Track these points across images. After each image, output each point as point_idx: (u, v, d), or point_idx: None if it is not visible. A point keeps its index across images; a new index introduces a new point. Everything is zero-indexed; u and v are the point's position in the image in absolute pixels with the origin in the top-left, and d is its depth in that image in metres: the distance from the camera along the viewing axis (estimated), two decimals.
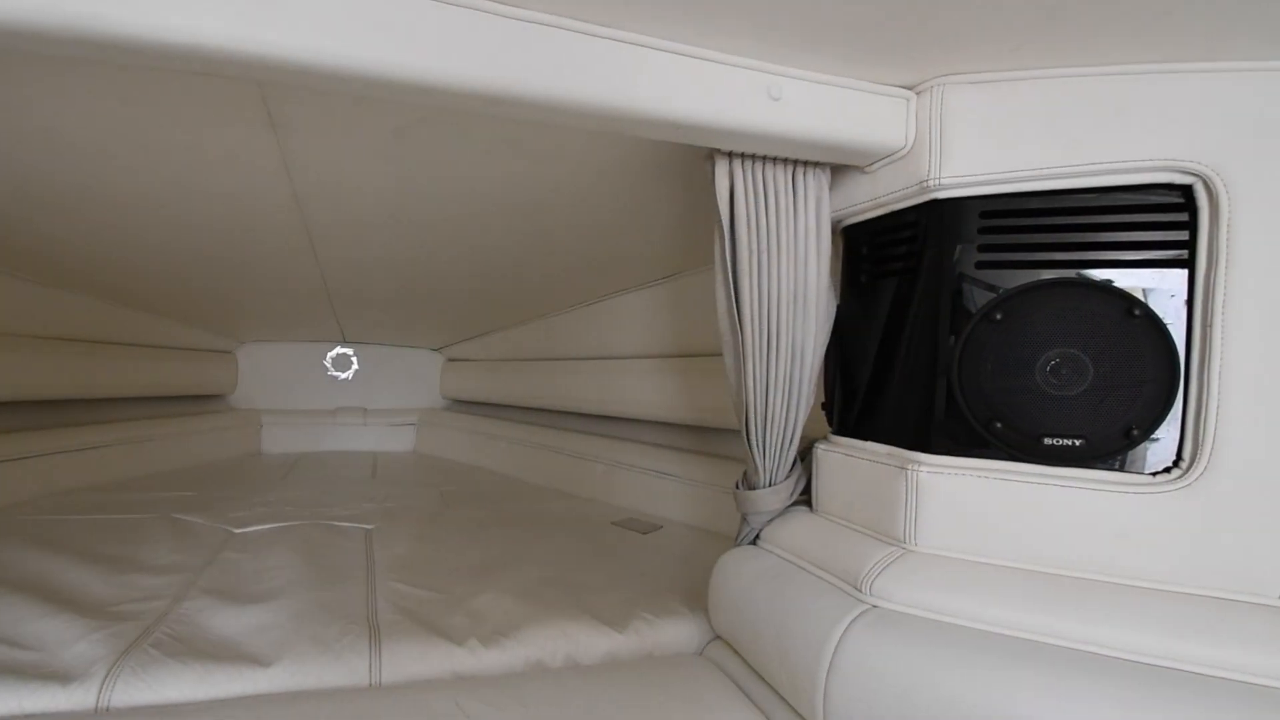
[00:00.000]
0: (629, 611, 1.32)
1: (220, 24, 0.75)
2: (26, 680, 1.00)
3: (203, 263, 2.19)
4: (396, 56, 0.82)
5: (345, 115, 1.19)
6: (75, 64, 0.99)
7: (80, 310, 2.53)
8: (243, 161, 1.38)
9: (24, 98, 1.12)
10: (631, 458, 2.41)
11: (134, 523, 1.94)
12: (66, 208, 1.63)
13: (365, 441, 3.85)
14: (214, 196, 1.58)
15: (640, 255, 2.03)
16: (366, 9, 0.80)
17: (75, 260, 2.10)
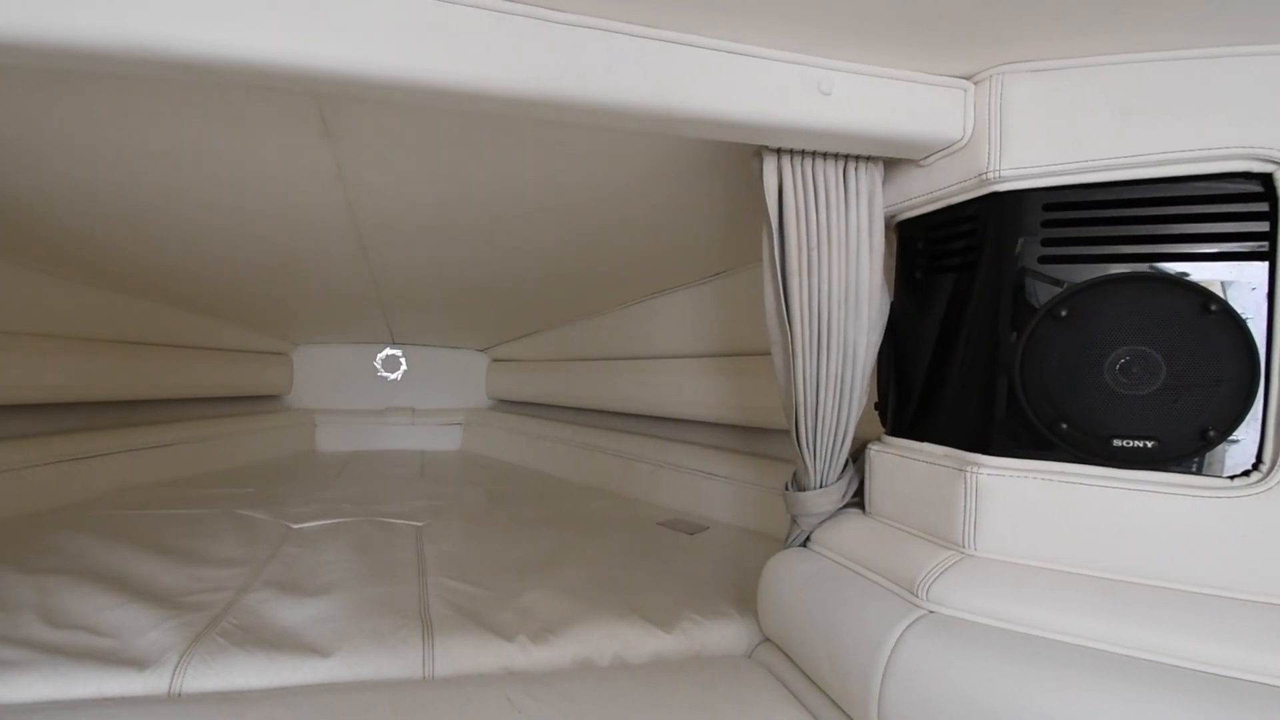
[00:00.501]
0: (676, 612, 1.32)
1: (274, 39, 0.79)
2: (105, 665, 1.07)
3: (260, 268, 2.30)
4: (445, 65, 0.85)
5: (396, 123, 1.23)
6: (141, 81, 1.04)
7: (147, 315, 2.69)
8: (299, 170, 1.45)
9: (92, 115, 1.19)
10: (677, 458, 2.42)
11: (200, 518, 2.05)
12: (132, 218, 1.73)
13: (414, 440, 3.97)
14: (271, 204, 1.66)
15: (686, 254, 2.04)
16: (415, 20, 0.83)
17: (141, 268, 2.23)
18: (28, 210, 1.62)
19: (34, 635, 1.16)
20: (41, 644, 1.13)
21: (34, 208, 1.61)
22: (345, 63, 0.82)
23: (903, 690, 0.85)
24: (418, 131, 1.26)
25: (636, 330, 2.69)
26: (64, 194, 1.55)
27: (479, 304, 2.97)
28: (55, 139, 1.28)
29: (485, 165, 1.40)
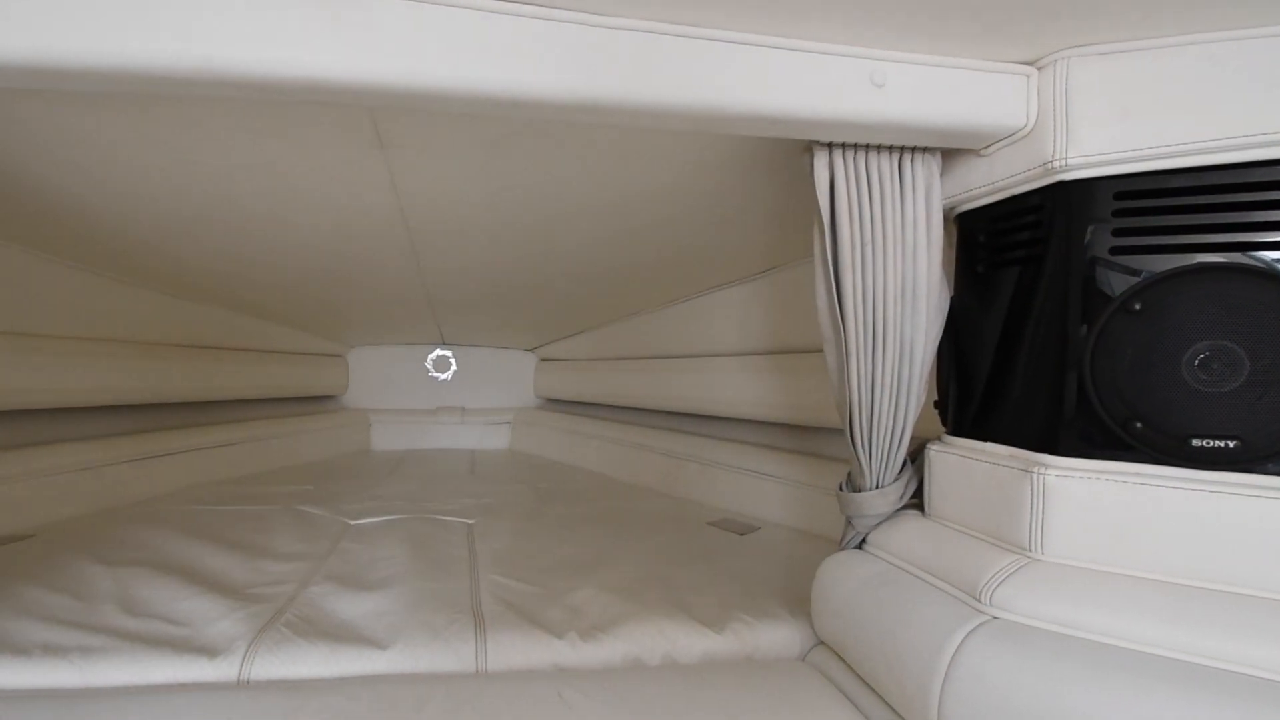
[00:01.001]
0: (727, 613, 1.33)
1: (331, 58, 0.84)
2: (180, 653, 1.15)
3: (317, 274, 2.40)
4: (492, 74, 0.88)
5: (444, 131, 1.27)
6: (205, 101, 1.11)
7: (213, 321, 2.84)
8: (354, 180, 1.51)
9: (160, 135, 1.27)
10: (727, 457, 2.41)
11: (262, 514, 2.15)
12: (199, 230, 1.84)
13: (464, 439, 4.08)
14: (328, 212, 1.73)
15: (734, 251, 2.03)
16: (463, 32, 0.87)
17: (207, 276, 2.37)
18: (105, 225, 1.74)
19: (115, 623, 1.24)
20: (122, 632, 1.21)
21: (110, 223, 1.73)
22: (398, 76, 0.86)
23: (964, 698, 0.83)
24: (465, 137, 1.29)
25: (684, 328, 2.69)
26: (136, 209, 1.66)
27: (526, 304, 3.03)
28: (127, 158, 1.38)
29: (530, 168, 1.43)
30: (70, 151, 1.33)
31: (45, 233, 1.77)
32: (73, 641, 1.15)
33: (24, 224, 1.70)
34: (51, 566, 1.51)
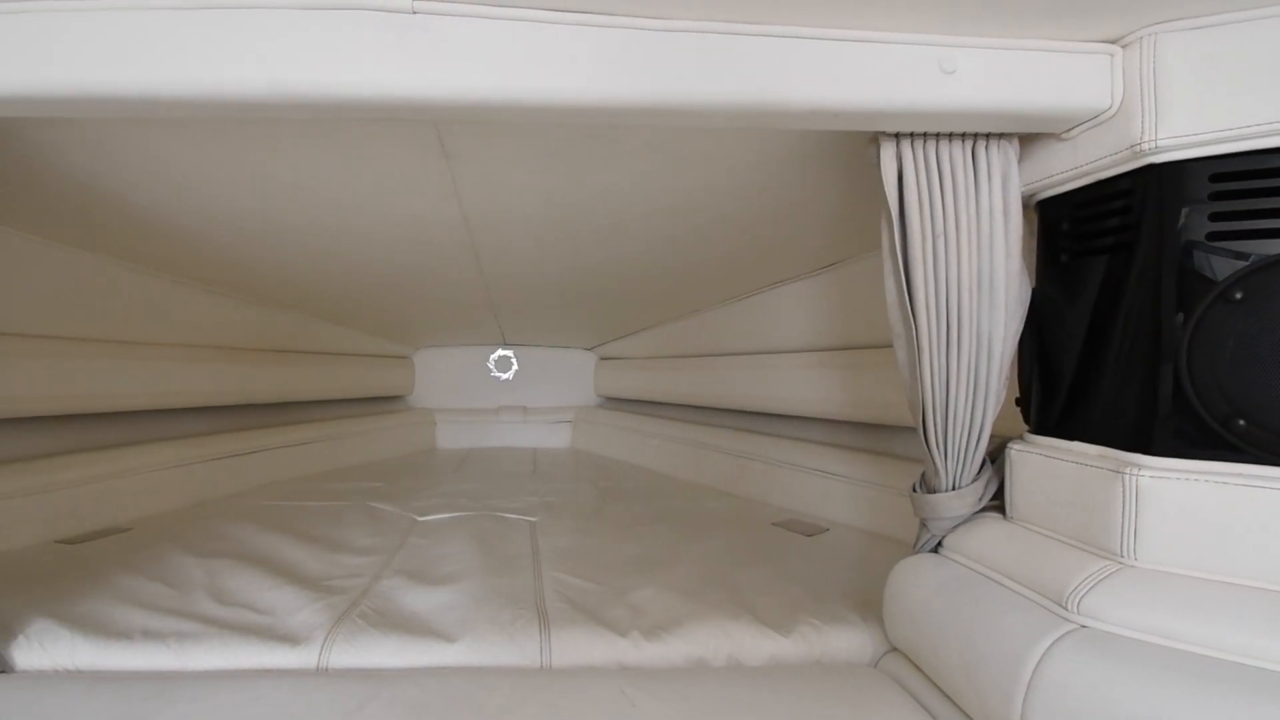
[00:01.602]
0: (794, 615, 1.31)
1: (400, 76, 0.90)
2: (265, 640, 1.23)
3: (386, 280, 2.52)
4: (552, 83, 0.92)
5: (506, 139, 1.32)
6: (287, 122, 1.19)
7: (289, 326, 3.02)
8: (420, 189, 1.58)
9: (247, 154, 1.37)
10: (793, 456, 2.39)
11: (337, 509, 2.27)
12: (278, 241, 1.96)
13: (525, 438, 4.18)
14: (395, 220, 1.82)
15: (798, 245, 2.01)
16: (523, 44, 0.91)
17: (284, 284, 2.52)
18: (191, 239, 1.88)
19: (206, 611, 1.35)
20: (212, 619, 1.30)
21: (195, 237, 1.86)
22: (461, 91, 0.91)
23: (1049, 709, 0.80)
24: (524, 145, 1.33)
25: (747, 325, 2.67)
26: (221, 223, 1.78)
27: (586, 304, 3.08)
28: (212, 177, 1.48)
29: (588, 171, 1.47)
30: (160, 172, 1.45)
31: (139, 248, 1.93)
32: (169, 627, 1.25)
33: (122, 240, 1.86)
34: (148, 557, 1.65)
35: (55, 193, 1.48)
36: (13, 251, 1.68)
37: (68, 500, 1.87)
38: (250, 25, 0.89)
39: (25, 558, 1.61)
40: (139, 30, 0.88)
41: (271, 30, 0.88)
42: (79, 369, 1.99)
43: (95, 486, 1.97)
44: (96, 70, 0.88)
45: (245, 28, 0.89)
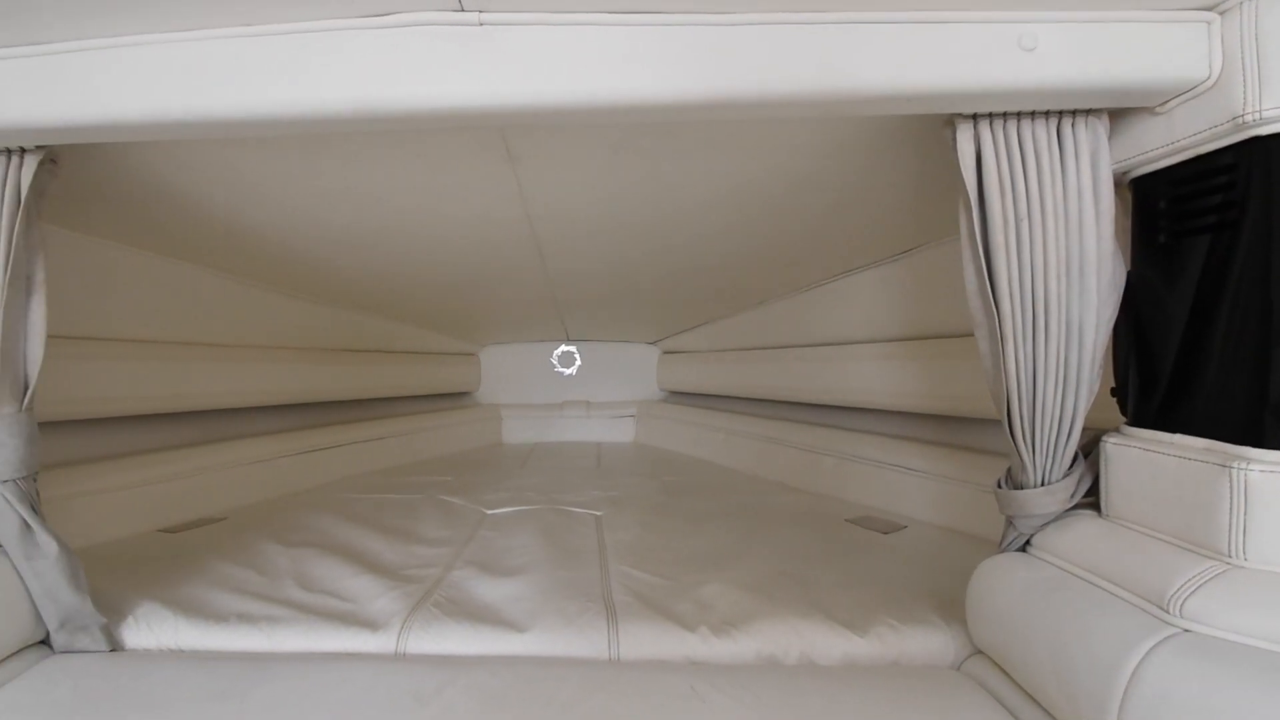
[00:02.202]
0: (870, 615, 1.29)
1: (463, 86, 0.95)
2: (348, 625, 1.30)
3: (454, 280, 2.62)
4: (619, 84, 0.95)
5: (569, 140, 1.35)
6: (364, 136, 1.27)
7: (362, 327, 3.18)
8: (487, 193, 1.64)
9: (328, 167, 1.46)
10: (866, 450, 2.33)
11: (409, 502, 2.38)
12: (354, 247, 2.08)
13: (589, 433, 4.25)
14: (462, 223, 1.89)
15: (869, 232, 1.96)
16: (586, 47, 0.94)
17: (359, 287, 2.65)
18: (277, 247, 2.01)
19: (293, 597, 1.43)
20: (299, 604, 1.39)
21: (278, 244, 1.99)
22: (526, 96, 0.96)
23: (1147, 718, 0.76)
24: (587, 144, 1.37)
25: (816, 315, 2.63)
26: (303, 232, 1.90)
27: (649, 298, 3.09)
28: (296, 189, 1.59)
29: (651, 167, 1.48)
30: (246, 186, 1.56)
31: (228, 257, 2.07)
32: (261, 612, 1.34)
33: (212, 250, 2.00)
34: (240, 545, 1.77)
35: (151, 207, 1.61)
36: (116, 263, 1.84)
37: (168, 493, 2.03)
38: (329, 46, 0.96)
39: (131, 545, 1.76)
40: (233, 56, 0.97)
41: (349, 50, 0.96)
42: (176, 371, 2.15)
43: (192, 480, 2.14)
44: (194, 95, 0.98)
45: (325, 49, 0.96)
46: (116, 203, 1.55)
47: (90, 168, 1.29)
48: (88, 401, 1.83)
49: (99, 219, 1.62)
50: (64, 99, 0.99)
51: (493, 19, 0.94)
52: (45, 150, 1.11)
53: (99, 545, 1.72)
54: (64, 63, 0.98)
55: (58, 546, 1.16)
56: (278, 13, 0.94)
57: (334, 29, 0.96)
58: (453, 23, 0.94)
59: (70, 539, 1.20)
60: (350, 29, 0.95)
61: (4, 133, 1.03)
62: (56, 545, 1.16)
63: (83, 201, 1.43)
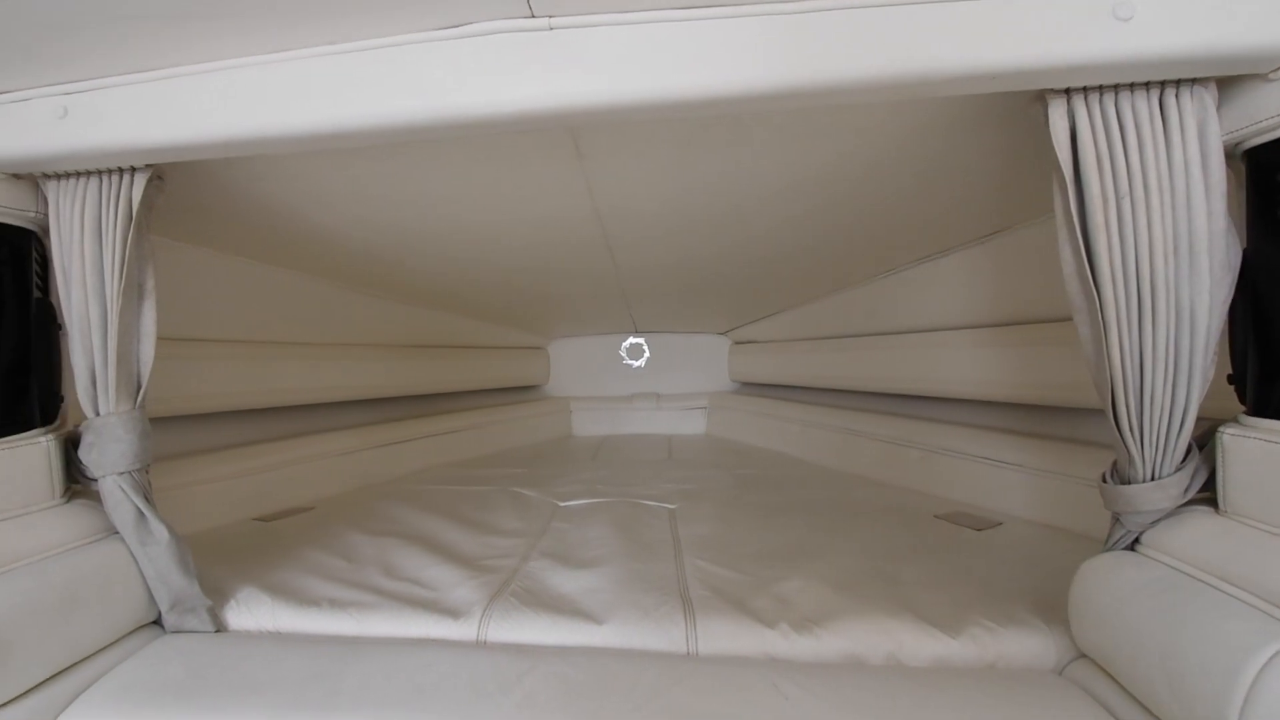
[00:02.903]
0: (964, 615, 1.26)
1: (536, 89, 1.00)
2: (431, 612, 1.37)
3: (524, 276, 2.70)
4: (690, 79, 0.97)
5: (638, 135, 1.37)
6: (437, 143, 1.34)
7: (436, 323, 3.32)
8: (556, 190, 1.68)
9: (404, 172, 1.53)
10: (956, 443, 2.26)
11: (484, 494, 2.47)
12: (429, 246, 2.17)
13: (659, 425, 4.28)
14: (533, 221, 1.95)
15: (952, 215, 1.89)
16: (654, 43, 0.96)
17: (433, 284, 2.77)
18: (359, 250, 2.13)
19: (379, 584, 1.52)
20: (385, 591, 1.47)
21: (359, 247, 2.11)
22: (597, 96, 0.99)
23: None
24: (656, 139, 1.39)
25: (898, 301, 2.56)
26: (382, 234, 2.01)
27: (719, 288, 3.09)
28: (377, 195, 1.68)
29: (722, 157, 1.49)
30: (332, 194, 1.66)
31: (313, 260, 2.21)
32: (350, 597, 1.43)
33: (298, 254, 2.13)
34: (328, 534, 1.88)
35: (242, 216, 1.74)
36: (211, 269, 1.99)
37: (261, 483, 2.19)
38: (408, 60, 1.03)
39: (229, 533, 1.91)
40: (321, 75, 1.05)
41: (426, 62, 1.02)
42: (266, 369, 2.32)
43: (282, 471, 2.29)
44: (287, 113, 1.07)
45: (404, 63, 1.03)
46: (211, 213, 1.68)
47: (189, 182, 1.41)
48: (188, 399, 1.99)
49: (195, 228, 1.76)
50: (171, 121, 1.09)
51: (562, 22, 0.98)
52: (153, 168, 1.22)
53: (200, 532, 1.87)
54: (171, 87, 1.09)
55: (168, 533, 1.27)
56: (360, 31, 1.02)
57: (412, 43, 1.02)
58: (523, 29, 0.99)
59: (176, 526, 1.31)
60: (427, 42, 1.02)
61: (117, 153, 1.14)
62: (167, 532, 1.27)
63: (181, 213, 1.55)
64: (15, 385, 1.21)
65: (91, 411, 1.24)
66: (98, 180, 1.21)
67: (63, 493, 1.27)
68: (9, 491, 1.17)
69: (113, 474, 1.23)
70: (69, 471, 1.28)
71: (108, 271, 1.21)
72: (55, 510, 1.24)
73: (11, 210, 1.20)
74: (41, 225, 1.25)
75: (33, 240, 1.25)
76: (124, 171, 1.21)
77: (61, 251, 1.21)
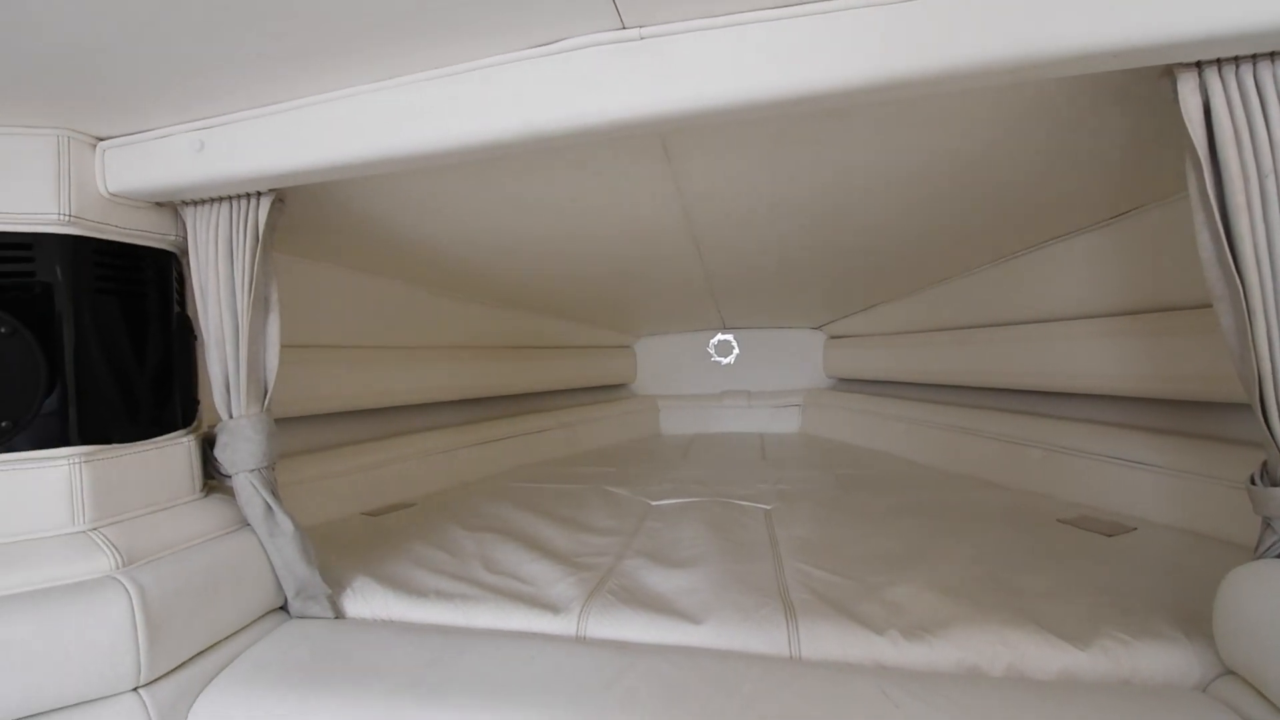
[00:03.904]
0: (1093, 626, 1.20)
1: (629, 98, 1.03)
2: (531, 607, 1.43)
3: (611, 277, 2.77)
4: (784, 78, 0.97)
5: (730, 133, 1.39)
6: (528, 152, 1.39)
7: (526, 325, 3.44)
8: (645, 192, 1.72)
9: (494, 181, 1.61)
10: (1083, 441, 2.14)
11: (576, 492, 2.54)
12: (520, 252, 2.26)
13: (751, 423, 4.26)
14: (621, 224, 2.00)
15: (1072, 197, 1.79)
16: (745, 46, 0.97)
17: (523, 288, 2.88)
18: (456, 258, 2.25)
19: (481, 578, 1.60)
20: (487, 585, 1.55)
21: (459, 255, 2.23)
22: (690, 101, 1.01)
23: None
24: (746, 136, 1.39)
25: (1012, 290, 2.44)
26: (478, 242, 2.11)
27: (813, 281, 3.04)
28: (473, 205, 1.77)
29: (815, 151, 1.48)
30: (433, 208, 1.77)
31: (415, 269, 2.35)
32: (454, 590, 1.51)
33: (401, 264, 2.27)
34: (431, 528, 2.00)
35: (352, 231, 1.88)
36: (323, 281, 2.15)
37: (368, 480, 2.34)
38: (504, 79, 1.08)
39: (341, 527, 2.05)
40: (424, 97, 1.13)
41: (521, 79, 1.07)
42: (370, 372, 2.48)
43: (388, 469, 2.45)
44: (394, 135, 1.16)
45: (501, 82, 1.09)
46: (323, 229, 1.82)
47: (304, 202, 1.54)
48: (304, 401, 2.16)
49: (305, 242, 1.90)
50: (294, 148, 1.20)
51: (654, 31, 1.01)
52: (275, 192, 1.35)
53: (316, 525, 2.02)
54: (295, 117, 1.20)
55: (293, 525, 1.40)
56: (460, 54, 1.08)
57: (508, 62, 1.08)
58: (616, 40, 1.03)
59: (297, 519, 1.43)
60: (522, 60, 1.07)
61: (247, 180, 1.27)
62: (292, 525, 1.40)
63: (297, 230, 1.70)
64: (162, 391, 1.36)
65: (225, 414, 1.38)
66: (229, 205, 1.35)
67: (201, 488, 1.42)
68: (159, 486, 1.32)
69: (244, 471, 1.37)
70: (206, 469, 1.43)
71: (238, 287, 1.34)
72: (196, 504, 1.38)
73: (156, 235, 1.35)
74: (180, 247, 1.40)
75: (173, 261, 1.41)
76: (251, 196, 1.35)
77: (199, 270, 1.36)
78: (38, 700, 1.03)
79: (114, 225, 1.27)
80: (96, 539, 1.16)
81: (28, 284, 1.17)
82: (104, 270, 1.25)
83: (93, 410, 1.21)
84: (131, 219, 1.30)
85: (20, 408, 1.14)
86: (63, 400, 1.18)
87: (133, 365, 1.30)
